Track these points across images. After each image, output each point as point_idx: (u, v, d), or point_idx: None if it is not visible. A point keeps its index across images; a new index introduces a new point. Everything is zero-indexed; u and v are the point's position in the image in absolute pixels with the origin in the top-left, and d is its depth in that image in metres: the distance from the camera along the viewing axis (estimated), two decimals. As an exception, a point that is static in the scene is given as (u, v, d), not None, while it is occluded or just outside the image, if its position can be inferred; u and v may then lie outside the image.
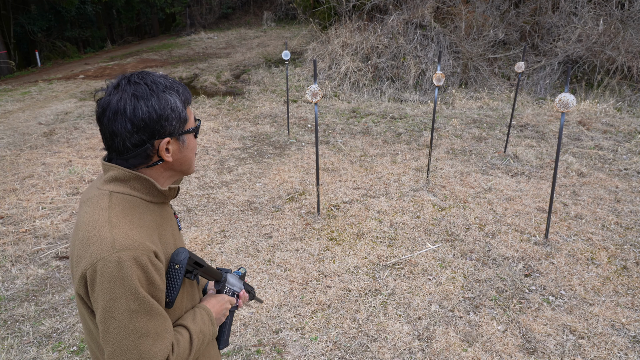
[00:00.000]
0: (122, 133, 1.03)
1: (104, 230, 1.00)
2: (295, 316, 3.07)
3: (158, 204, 1.14)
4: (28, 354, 2.74)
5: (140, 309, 0.99)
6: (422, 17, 10.49)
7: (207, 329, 1.19)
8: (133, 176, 1.07)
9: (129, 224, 1.03)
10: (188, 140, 1.14)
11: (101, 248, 0.98)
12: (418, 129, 7.55)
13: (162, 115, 1.05)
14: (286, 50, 6.81)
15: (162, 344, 1.03)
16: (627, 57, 9.08)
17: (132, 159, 1.07)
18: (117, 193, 1.06)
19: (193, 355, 1.13)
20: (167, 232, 1.14)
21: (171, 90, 1.08)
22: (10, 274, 3.58)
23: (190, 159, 1.17)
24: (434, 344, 2.80)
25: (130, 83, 1.04)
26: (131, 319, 0.99)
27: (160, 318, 1.04)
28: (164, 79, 1.09)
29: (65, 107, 9.49)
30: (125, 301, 0.98)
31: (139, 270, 0.99)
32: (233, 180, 5.45)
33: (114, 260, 0.97)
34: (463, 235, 4.10)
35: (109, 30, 26.72)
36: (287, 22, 23.12)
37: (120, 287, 0.97)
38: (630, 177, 5.40)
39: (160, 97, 1.05)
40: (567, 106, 3.59)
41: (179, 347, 1.09)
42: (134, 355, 1.00)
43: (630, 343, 2.80)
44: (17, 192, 5.14)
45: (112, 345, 1.00)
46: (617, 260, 3.69)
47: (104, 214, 1.03)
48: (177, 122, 1.08)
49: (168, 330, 1.06)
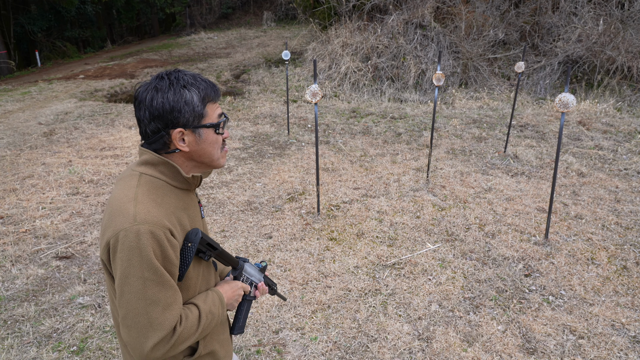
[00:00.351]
0: (143, 120, 1.17)
1: (129, 205, 1.11)
2: (295, 316, 3.07)
3: (182, 190, 1.24)
4: (28, 354, 2.74)
5: (153, 278, 1.09)
6: (422, 17, 10.49)
7: (216, 311, 1.27)
8: (162, 161, 1.19)
9: (152, 202, 1.14)
10: (206, 134, 1.21)
11: (124, 220, 1.09)
12: (418, 129, 7.55)
13: (174, 107, 1.15)
14: (286, 50, 6.82)
15: (171, 314, 1.12)
16: (627, 57, 9.08)
17: (153, 144, 1.19)
18: (146, 175, 1.18)
19: (200, 332, 1.21)
20: (186, 217, 1.23)
21: (191, 86, 1.17)
22: (10, 274, 3.58)
23: (209, 152, 1.24)
24: (434, 344, 2.80)
25: (158, 78, 1.17)
26: (144, 286, 1.08)
27: (172, 290, 1.13)
28: (191, 77, 1.19)
29: (65, 107, 9.49)
30: (140, 269, 1.08)
31: (154, 243, 1.09)
32: (233, 180, 5.45)
33: (133, 231, 1.07)
34: (463, 235, 4.10)
35: (109, 30, 26.72)
36: (287, 22, 23.12)
37: (136, 256, 1.07)
38: (630, 177, 5.40)
39: (176, 92, 1.15)
40: (567, 106, 3.59)
41: (187, 321, 1.17)
42: (144, 320, 1.09)
43: (630, 343, 2.80)
44: (17, 192, 5.14)
45: (126, 309, 1.10)
46: (617, 260, 3.69)
47: (132, 191, 1.14)
48: (191, 115, 1.17)
49: (178, 302, 1.15)
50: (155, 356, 1.12)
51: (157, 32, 28.20)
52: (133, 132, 7.51)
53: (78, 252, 3.93)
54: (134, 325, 1.10)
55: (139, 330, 1.10)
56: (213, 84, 1.23)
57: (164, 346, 1.12)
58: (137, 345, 1.11)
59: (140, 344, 1.10)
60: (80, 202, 4.89)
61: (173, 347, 1.15)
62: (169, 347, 1.13)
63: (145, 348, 1.10)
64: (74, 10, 21.37)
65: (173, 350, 1.15)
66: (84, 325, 2.99)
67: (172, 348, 1.14)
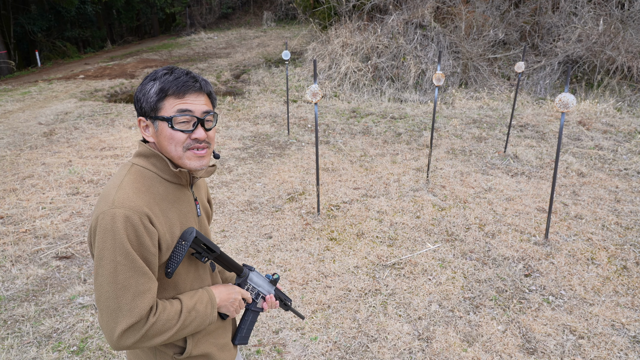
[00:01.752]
0: None
1: (112, 191, 1.15)
2: (295, 316, 3.07)
3: (174, 184, 1.26)
4: (28, 354, 2.74)
5: (125, 262, 1.09)
6: (422, 17, 10.49)
7: (202, 309, 1.24)
8: (153, 154, 1.23)
9: (134, 190, 1.16)
10: (160, 127, 1.21)
11: (105, 204, 1.12)
12: (418, 129, 7.55)
13: (138, 96, 1.23)
14: (286, 50, 6.82)
15: (142, 302, 1.10)
16: (627, 57, 9.08)
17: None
18: (137, 165, 1.23)
19: (179, 328, 1.18)
20: (174, 210, 1.23)
21: (158, 79, 1.20)
22: (10, 274, 3.58)
23: (166, 147, 1.22)
24: (434, 344, 2.80)
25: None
26: (115, 270, 1.09)
27: (144, 278, 1.12)
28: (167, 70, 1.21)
29: (65, 107, 9.49)
30: (112, 252, 1.08)
31: (130, 228, 1.10)
32: (233, 180, 5.45)
33: (110, 214, 1.09)
34: (463, 235, 4.10)
35: (109, 30, 26.71)
36: (287, 22, 23.12)
37: (110, 239, 1.08)
38: (630, 177, 5.40)
39: (145, 83, 1.21)
40: (567, 106, 3.59)
41: (164, 313, 1.15)
42: (113, 304, 1.09)
43: (630, 343, 2.80)
44: (17, 192, 5.14)
45: (98, 292, 1.11)
46: (617, 260, 3.69)
47: (119, 179, 1.18)
48: (146, 105, 1.21)
49: (151, 291, 1.13)
50: (125, 343, 1.10)
51: (157, 32, 28.21)
52: (133, 132, 7.51)
53: (78, 252, 3.93)
54: (105, 308, 1.10)
55: (109, 314, 1.10)
56: (186, 80, 1.18)
57: (133, 334, 1.10)
58: (107, 329, 1.10)
59: (110, 329, 1.10)
60: (80, 202, 4.89)
61: (145, 337, 1.12)
62: (139, 336, 1.11)
63: (114, 333, 1.09)
64: (74, 10, 21.37)
65: (145, 340, 1.12)
66: (84, 325, 2.99)
67: (143, 338, 1.12)
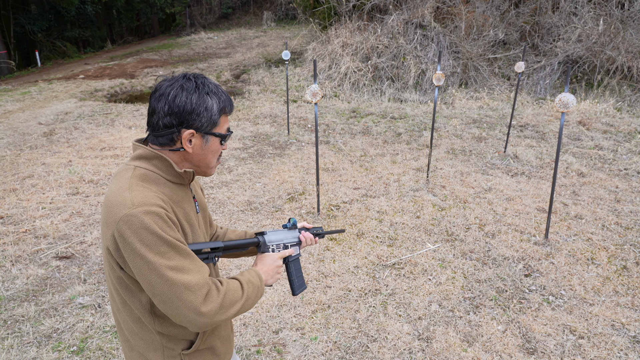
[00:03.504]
0: (160, 112, 1.21)
1: (125, 194, 1.14)
2: (295, 316, 3.07)
3: (176, 184, 1.28)
4: (28, 354, 2.74)
5: (169, 250, 1.11)
6: (422, 17, 10.49)
7: (255, 281, 1.30)
8: (155, 155, 1.23)
9: (146, 189, 1.17)
10: (212, 142, 1.27)
11: (123, 207, 1.12)
12: (418, 129, 7.55)
13: (195, 109, 1.20)
14: (286, 50, 6.82)
15: (202, 275, 1.14)
16: (627, 57, 9.08)
17: (160, 138, 1.23)
18: (140, 168, 1.22)
19: (245, 300, 1.23)
20: (178, 210, 1.25)
21: (214, 95, 1.23)
22: (10, 274, 3.58)
23: (209, 159, 1.29)
24: (434, 344, 2.80)
25: (185, 78, 1.22)
26: (165, 258, 1.10)
27: (190, 257, 1.15)
28: (215, 86, 1.25)
29: (65, 107, 9.49)
30: (154, 247, 1.09)
31: (158, 220, 1.12)
32: (233, 180, 5.45)
33: (134, 214, 1.10)
34: (463, 235, 4.10)
35: (109, 30, 26.72)
36: (287, 22, 23.13)
37: (146, 234, 1.09)
38: (630, 177, 5.40)
39: (200, 96, 1.21)
40: (567, 106, 3.59)
41: (229, 284, 1.21)
42: (181, 288, 1.09)
43: (630, 343, 2.79)
44: (17, 192, 5.14)
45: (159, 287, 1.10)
46: (617, 260, 3.69)
47: (126, 182, 1.18)
48: (206, 121, 1.23)
49: (202, 266, 1.17)
50: (210, 313, 1.12)
51: (157, 32, 28.21)
52: (133, 132, 7.51)
53: (78, 252, 3.93)
54: (174, 296, 1.09)
55: (180, 297, 1.09)
56: (231, 99, 1.29)
57: (213, 302, 1.12)
58: (187, 310, 1.10)
59: (189, 307, 1.10)
60: (80, 202, 4.89)
61: (222, 307, 1.15)
62: (218, 305, 1.13)
63: (195, 307, 1.10)
64: (74, 10, 21.37)
65: (223, 311, 1.15)
66: (84, 325, 2.99)
67: (221, 307, 1.14)
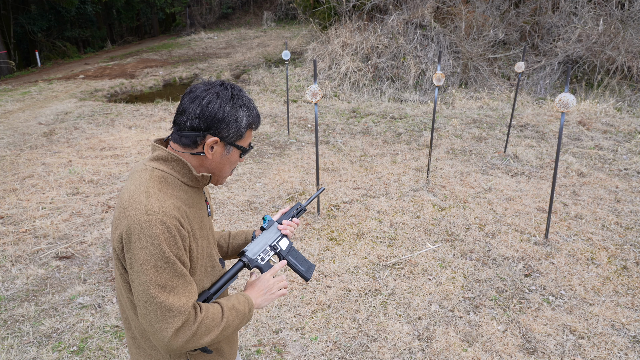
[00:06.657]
0: (190, 113, 1.22)
1: (140, 197, 1.15)
2: (295, 316, 3.07)
3: (191, 187, 1.29)
4: (28, 354, 2.74)
5: (166, 267, 1.12)
6: (422, 17, 10.49)
7: (241, 307, 1.29)
8: (174, 158, 1.23)
9: (162, 195, 1.18)
10: (233, 152, 1.29)
11: (136, 211, 1.12)
12: (418, 129, 7.55)
13: (225, 118, 1.22)
14: (286, 50, 6.82)
15: (187, 301, 1.15)
16: (627, 57, 9.08)
17: (184, 138, 1.24)
18: (158, 170, 1.23)
19: (224, 326, 1.23)
20: (193, 213, 1.27)
21: (246, 108, 1.26)
22: (10, 274, 3.58)
23: (225, 169, 1.32)
24: (434, 344, 2.80)
25: (222, 86, 1.25)
26: (158, 274, 1.11)
27: (184, 279, 1.16)
28: (248, 100, 1.29)
29: (65, 107, 9.49)
30: (153, 258, 1.10)
31: (166, 233, 1.12)
32: (233, 180, 5.45)
33: (146, 221, 1.11)
34: (463, 235, 4.10)
35: (109, 30, 26.71)
36: (287, 22, 23.13)
37: (149, 245, 1.10)
38: (630, 177, 5.40)
39: (234, 107, 1.23)
40: (567, 106, 3.59)
41: (208, 311, 1.20)
42: (161, 307, 1.11)
43: (630, 343, 2.80)
44: (17, 192, 5.14)
45: (143, 298, 1.12)
46: (617, 260, 3.69)
47: (144, 184, 1.18)
48: (233, 132, 1.25)
49: (192, 291, 1.18)
50: (179, 343, 1.12)
51: (157, 32, 28.21)
52: (133, 132, 7.51)
53: (78, 252, 3.93)
54: (153, 314, 1.11)
55: (159, 317, 1.11)
56: (259, 116, 1.32)
57: (186, 332, 1.13)
58: (159, 333, 1.11)
59: (162, 331, 1.11)
60: (80, 202, 4.89)
61: (195, 336, 1.14)
62: (191, 334, 1.13)
63: (167, 334, 1.11)
64: (74, 10, 21.36)
65: (196, 339, 1.15)
66: (84, 325, 2.99)
67: (194, 336, 1.14)
